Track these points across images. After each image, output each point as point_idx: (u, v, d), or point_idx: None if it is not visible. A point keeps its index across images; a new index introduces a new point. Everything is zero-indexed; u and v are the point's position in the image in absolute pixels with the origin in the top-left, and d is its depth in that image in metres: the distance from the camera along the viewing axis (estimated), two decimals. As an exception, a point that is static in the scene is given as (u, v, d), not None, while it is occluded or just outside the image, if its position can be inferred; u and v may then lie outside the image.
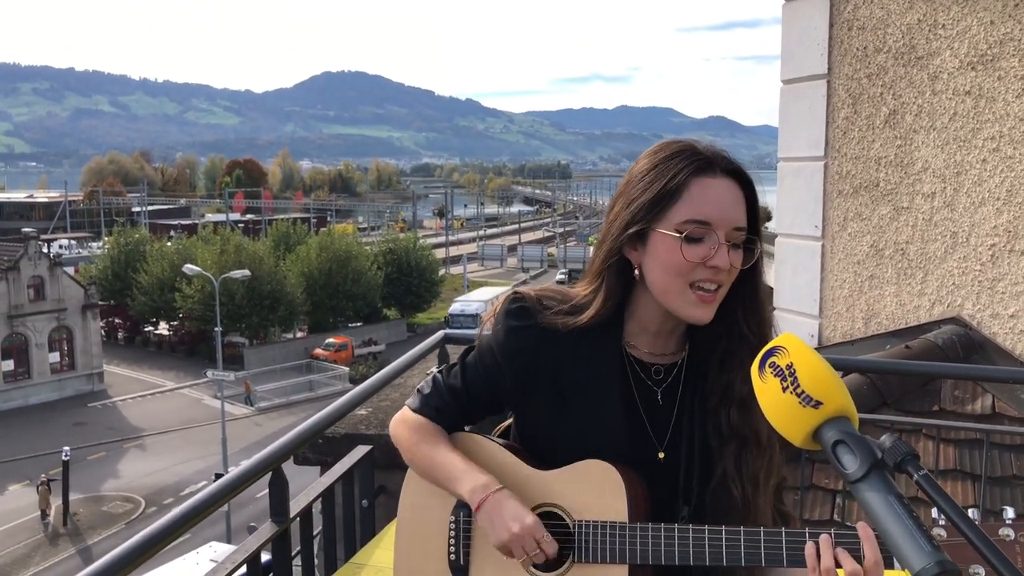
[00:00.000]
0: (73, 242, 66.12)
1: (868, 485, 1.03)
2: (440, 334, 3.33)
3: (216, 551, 17.70)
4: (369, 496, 2.57)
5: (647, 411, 1.43)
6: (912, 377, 3.65)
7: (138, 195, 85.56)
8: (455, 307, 45.04)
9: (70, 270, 43.01)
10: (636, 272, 1.40)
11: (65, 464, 24.90)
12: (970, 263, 3.88)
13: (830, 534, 1.23)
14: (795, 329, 4.38)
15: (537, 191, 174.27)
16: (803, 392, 1.07)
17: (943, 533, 1.21)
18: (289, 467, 2.30)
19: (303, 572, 2.24)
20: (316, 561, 2.42)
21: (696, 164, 1.35)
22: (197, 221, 75.64)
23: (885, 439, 1.05)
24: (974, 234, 3.85)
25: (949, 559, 0.96)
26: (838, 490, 3.37)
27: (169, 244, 49.47)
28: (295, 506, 2.18)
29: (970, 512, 1.08)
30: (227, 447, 25.40)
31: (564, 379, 1.42)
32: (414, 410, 1.52)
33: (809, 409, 1.07)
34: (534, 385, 1.43)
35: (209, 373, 31.20)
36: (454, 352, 3.41)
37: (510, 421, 1.58)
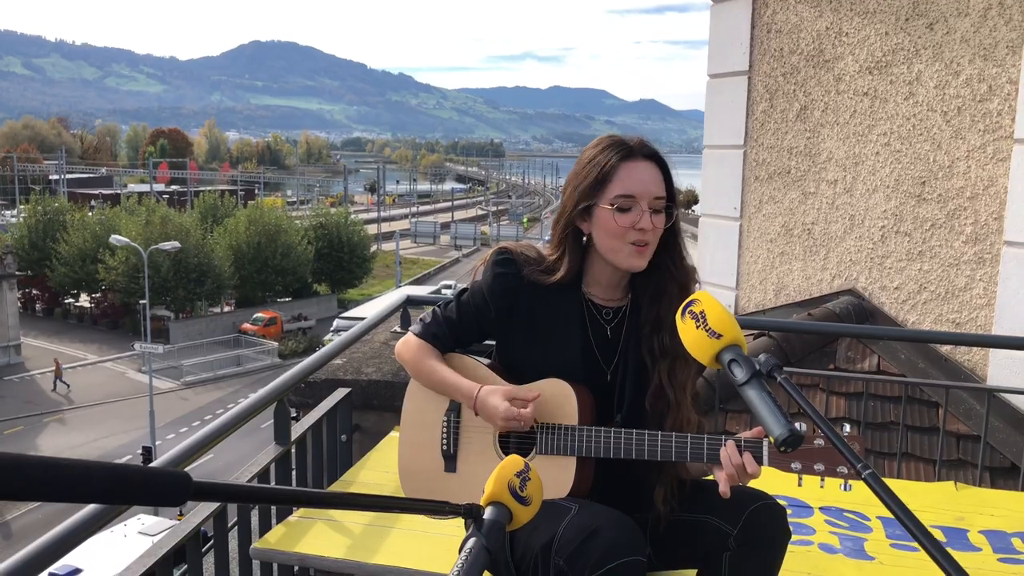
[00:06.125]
0: (-15, 210, 63.45)
1: (750, 387, 1.49)
2: (403, 294, 3.73)
3: (144, 523, 17.54)
4: (347, 431, 2.96)
5: (598, 343, 1.90)
6: (812, 337, 4.22)
7: (56, 162, 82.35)
8: None
9: (-17, 239, 41.41)
10: (585, 239, 1.88)
11: (-17, 438, 24.31)
12: (864, 242, 4.46)
13: (736, 440, 1.70)
14: (715, 300, 4.90)
15: (470, 169, 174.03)
16: (710, 328, 1.53)
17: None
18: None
19: (297, 485, 2.64)
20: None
21: (622, 152, 1.84)
22: (120, 191, 73.29)
23: (761, 356, 1.52)
24: (868, 217, 4.43)
25: (797, 428, 1.44)
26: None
27: (91, 214, 47.89)
28: (293, 433, 2.58)
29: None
30: (154, 420, 25.15)
31: (536, 317, 1.89)
32: (417, 335, 1.98)
33: (713, 340, 1.52)
34: (512, 320, 1.90)
35: (137, 346, 30.63)
36: (415, 312, 3.82)
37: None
